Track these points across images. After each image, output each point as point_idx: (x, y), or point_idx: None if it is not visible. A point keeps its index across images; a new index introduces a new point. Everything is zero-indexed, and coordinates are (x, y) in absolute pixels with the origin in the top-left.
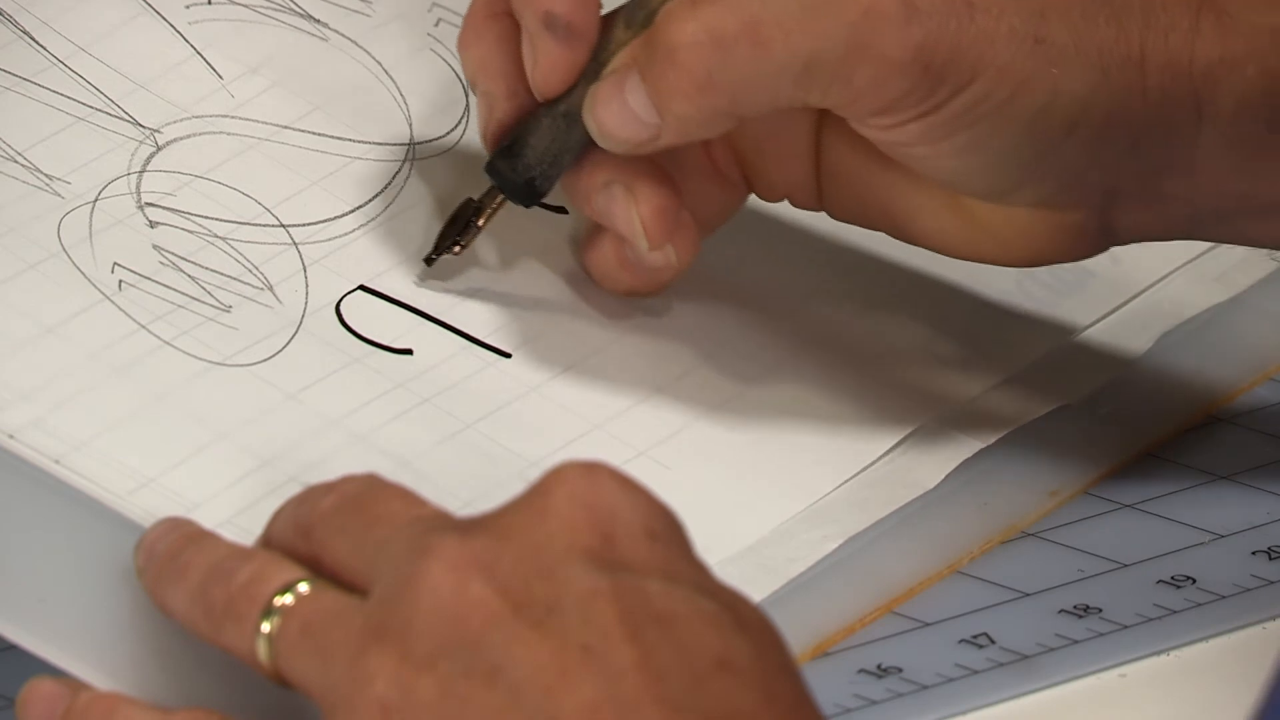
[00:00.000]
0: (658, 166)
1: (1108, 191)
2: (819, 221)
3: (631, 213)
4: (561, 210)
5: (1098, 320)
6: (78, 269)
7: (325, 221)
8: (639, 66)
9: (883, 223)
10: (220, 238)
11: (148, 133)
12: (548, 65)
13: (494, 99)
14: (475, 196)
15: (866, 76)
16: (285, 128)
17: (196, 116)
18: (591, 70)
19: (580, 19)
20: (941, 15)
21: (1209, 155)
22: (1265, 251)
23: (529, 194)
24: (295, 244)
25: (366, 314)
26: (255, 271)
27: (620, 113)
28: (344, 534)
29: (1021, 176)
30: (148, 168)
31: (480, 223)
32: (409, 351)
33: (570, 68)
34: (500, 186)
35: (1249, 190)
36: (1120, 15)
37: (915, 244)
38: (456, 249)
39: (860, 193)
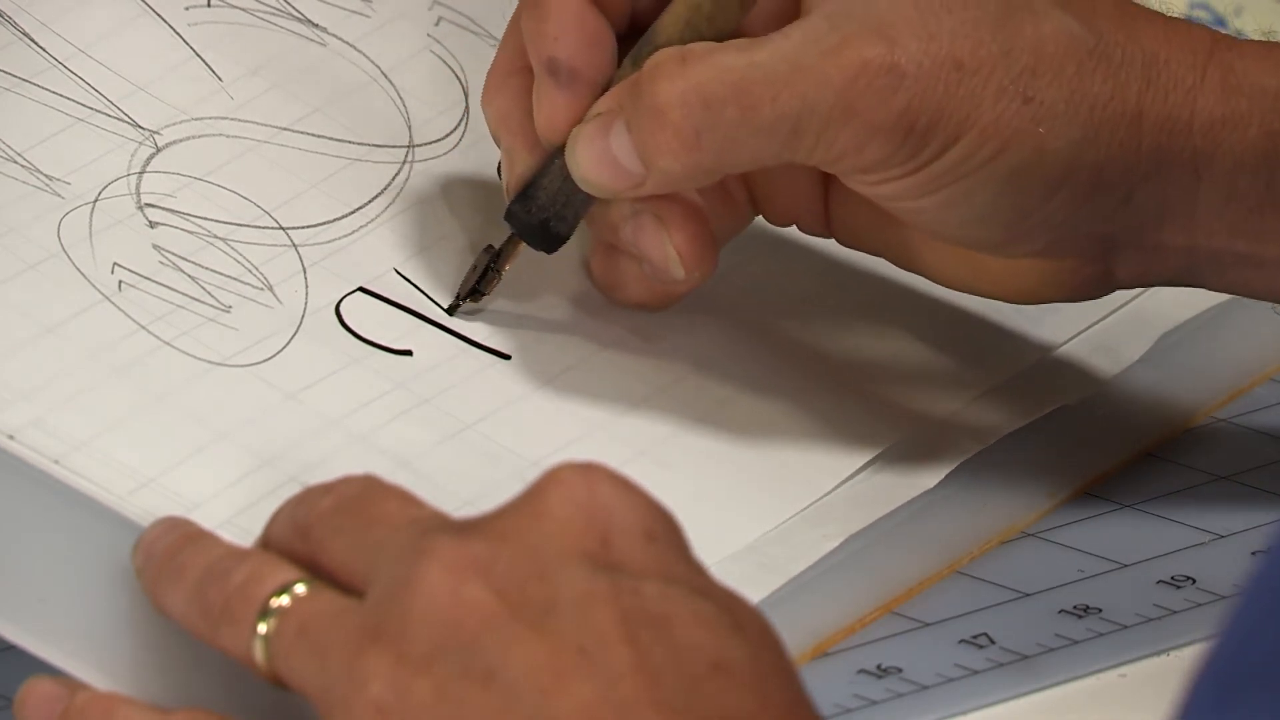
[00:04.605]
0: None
1: (1103, 240)
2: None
3: (664, 242)
4: None
5: (1098, 321)
6: (77, 269)
7: (325, 224)
8: (625, 116)
9: (888, 253)
10: (220, 238)
11: (147, 134)
12: (549, 111)
13: (515, 154)
14: (495, 244)
15: (850, 139)
16: (284, 129)
17: (196, 118)
18: None
19: (584, 63)
20: (929, 78)
21: (1208, 210)
22: None
23: (545, 236)
24: (295, 245)
25: (366, 315)
26: (255, 272)
27: (602, 159)
28: (342, 535)
29: (1009, 232)
30: (147, 169)
31: (501, 270)
32: (409, 352)
33: (572, 113)
34: (518, 232)
35: (1247, 248)
36: (1118, 72)
37: (920, 275)
38: (479, 297)
39: (867, 224)
